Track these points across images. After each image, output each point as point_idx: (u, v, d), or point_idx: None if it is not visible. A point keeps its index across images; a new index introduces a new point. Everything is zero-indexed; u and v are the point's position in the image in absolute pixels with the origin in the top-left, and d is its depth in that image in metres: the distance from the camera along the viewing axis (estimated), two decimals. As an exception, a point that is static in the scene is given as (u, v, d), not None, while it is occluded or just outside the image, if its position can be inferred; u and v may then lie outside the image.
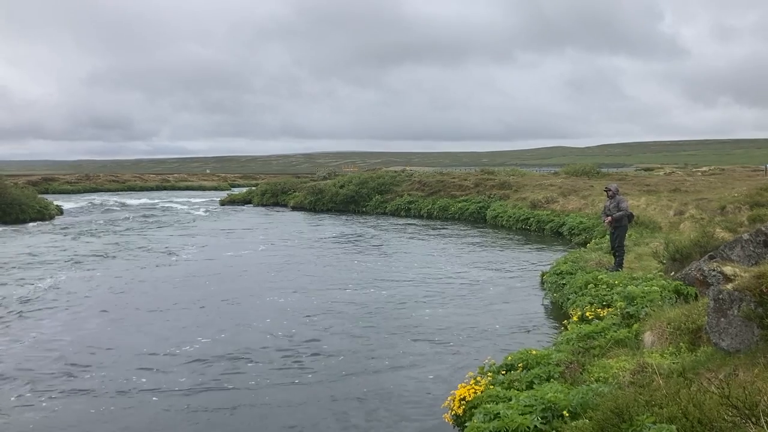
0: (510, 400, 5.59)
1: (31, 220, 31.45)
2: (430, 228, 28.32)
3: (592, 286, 10.32)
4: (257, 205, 44.03)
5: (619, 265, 12.00)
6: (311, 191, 40.11)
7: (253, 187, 53.89)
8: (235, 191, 57.85)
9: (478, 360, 7.67)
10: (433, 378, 8.13)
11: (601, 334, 7.60)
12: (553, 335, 9.62)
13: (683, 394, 4.09)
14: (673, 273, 9.82)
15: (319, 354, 9.15)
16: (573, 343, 7.41)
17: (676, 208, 20.26)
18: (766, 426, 3.37)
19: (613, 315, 8.42)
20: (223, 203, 46.44)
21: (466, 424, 5.46)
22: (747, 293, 5.04)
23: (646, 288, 8.72)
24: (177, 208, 43.17)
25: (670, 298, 8.33)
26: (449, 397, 6.28)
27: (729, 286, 5.30)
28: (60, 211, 36.11)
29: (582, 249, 16.47)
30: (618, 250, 12.16)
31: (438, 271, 16.12)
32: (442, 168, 66.17)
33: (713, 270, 6.74)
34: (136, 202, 49.96)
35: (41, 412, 7.10)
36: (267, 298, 13.02)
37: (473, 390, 6.11)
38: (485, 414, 5.32)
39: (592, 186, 29.49)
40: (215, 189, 77.95)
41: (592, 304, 9.44)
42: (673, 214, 19.85)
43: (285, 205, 41.96)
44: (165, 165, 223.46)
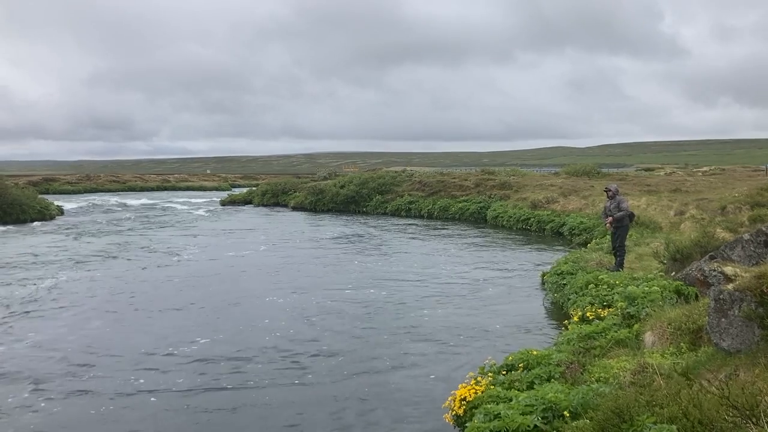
0: (510, 400, 5.59)
1: (32, 221, 31.48)
2: (430, 228, 28.32)
3: (592, 286, 10.32)
4: (258, 205, 44.05)
5: (620, 265, 12.00)
6: (312, 191, 40.12)
7: (253, 188, 53.93)
8: (236, 191, 57.88)
9: (479, 360, 7.66)
10: (434, 378, 8.13)
11: (602, 335, 7.60)
12: (553, 335, 9.62)
13: (684, 394, 4.09)
14: (673, 273, 9.82)
15: (319, 354, 9.15)
16: (573, 344, 7.41)
17: (676, 209, 20.25)
18: (766, 426, 3.37)
19: (614, 315, 8.41)
20: (223, 203, 46.48)
21: (467, 425, 5.46)
22: (748, 293, 5.04)
23: (646, 288, 8.71)
24: (177, 208, 43.19)
25: (671, 299, 8.33)
26: (450, 398, 6.28)
27: (730, 287, 5.30)
28: (61, 212, 36.14)
29: (582, 249, 16.47)
30: (619, 251, 12.15)
31: (438, 271, 16.12)
32: (442, 168, 66.21)
33: (714, 270, 6.74)
34: (136, 202, 49.99)
35: (41, 413, 7.10)
36: (268, 298, 13.02)
37: (474, 390, 6.11)
38: (486, 414, 5.32)
39: (593, 186, 29.49)
40: (216, 189, 78.01)
41: (592, 304, 9.44)
42: (673, 214, 19.85)
43: (285, 206, 41.98)
44: (165, 165, 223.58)
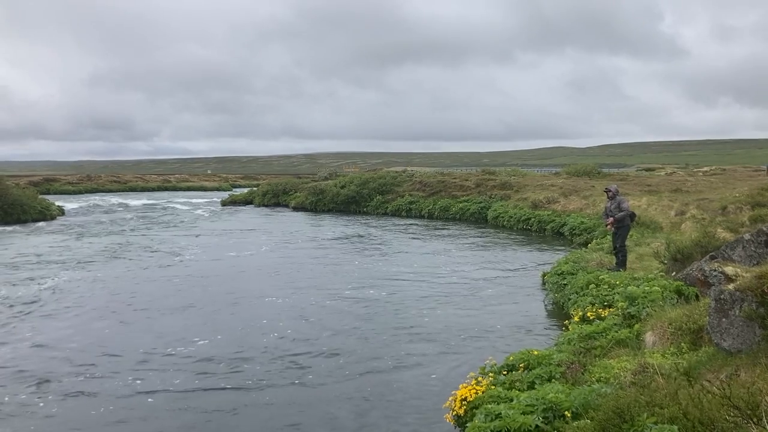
0: (511, 400, 5.59)
1: (33, 221, 31.50)
2: (431, 228, 28.32)
3: (593, 286, 10.31)
4: (258, 205, 44.06)
5: (622, 264, 12.00)
6: (312, 192, 40.13)
7: (254, 188, 53.96)
8: (237, 192, 57.90)
9: (480, 360, 7.67)
10: (434, 378, 8.13)
11: (603, 335, 7.60)
12: (554, 335, 9.62)
13: (684, 394, 4.09)
14: (674, 273, 9.81)
15: (319, 354, 9.15)
16: (574, 344, 7.41)
17: (677, 209, 20.25)
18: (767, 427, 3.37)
19: (615, 315, 8.41)
20: (224, 204, 46.49)
21: (468, 425, 5.47)
22: (748, 293, 5.04)
23: (647, 288, 8.71)
24: (178, 208, 43.20)
25: (672, 299, 8.33)
26: (450, 398, 6.28)
27: (730, 287, 5.30)
28: (61, 212, 36.16)
29: (583, 249, 16.46)
30: (620, 251, 12.16)
31: (439, 272, 16.13)
32: (443, 168, 66.23)
33: (714, 270, 6.73)
34: (137, 202, 50.00)
35: (40, 414, 7.10)
36: (269, 298, 13.03)
37: (474, 390, 6.11)
38: (487, 414, 5.32)
39: (593, 186, 29.48)
40: (216, 189, 78.04)
41: (593, 304, 9.44)
42: (674, 214, 19.84)
43: (286, 206, 41.98)
44: (166, 165, 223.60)
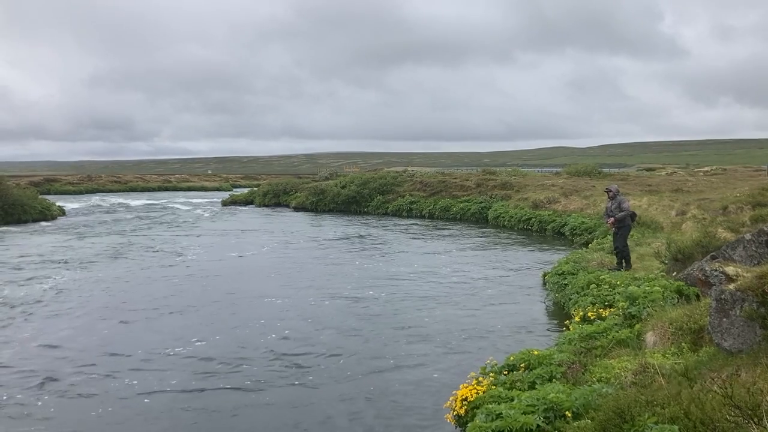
0: (512, 400, 5.59)
1: (34, 221, 31.51)
2: (431, 228, 28.32)
3: (594, 286, 10.31)
4: (259, 205, 44.08)
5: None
6: (313, 192, 40.14)
7: (254, 188, 53.98)
8: (237, 192, 57.91)
9: (480, 360, 7.67)
10: (435, 378, 8.13)
11: (603, 335, 7.59)
12: (555, 335, 9.61)
13: (685, 394, 4.09)
14: (675, 273, 9.81)
15: (320, 354, 9.15)
16: (575, 344, 7.41)
17: (677, 209, 20.24)
18: (768, 426, 3.37)
19: (615, 315, 8.41)
20: (225, 204, 46.50)
21: (468, 425, 5.47)
22: (749, 293, 5.04)
23: (648, 288, 8.71)
24: (179, 208, 43.21)
25: (672, 299, 8.32)
26: (451, 398, 6.28)
27: (731, 287, 5.29)
28: (62, 212, 36.17)
29: (584, 249, 16.45)
30: (623, 250, 12.17)
31: (440, 272, 16.13)
32: (443, 168, 66.22)
33: (715, 270, 6.73)
34: (138, 202, 50.01)
35: (39, 414, 7.08)
36: (270, 298, 13.02)
37: (475, 390, 6.11)
38: (487, 414, 5.32)
39: (594, 186, 29.47)
40: (217, 189, 78.05)
41: (594, 304, 9.44)
42: (675, 214, 19.83)
43: (287, 206, 41.99)
44: (167, 165, 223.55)
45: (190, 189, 78.28)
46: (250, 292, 13.63)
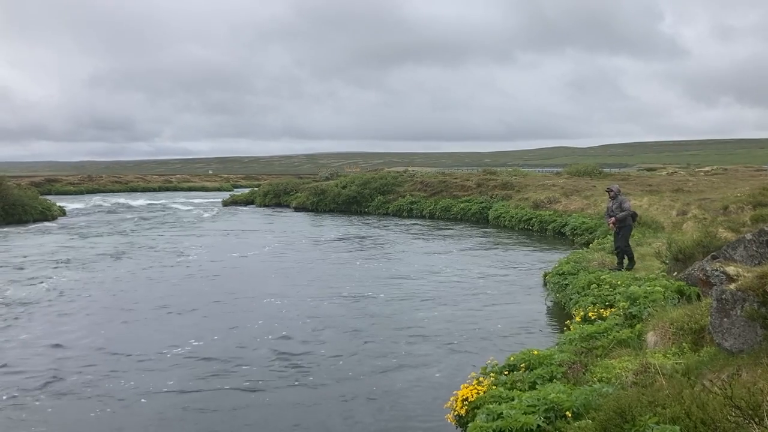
0: (513, 400, 5.59)
1: (34, 221, 31.52)
2: (432, 228, 28.32)
3: (594, 286, 10.30)
4: (260, 205, 44.09)
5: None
6: (314, 192, 40.14)
7: (255, 188, 53.98)
8: (238, 192, 57.93)
9: (481, 360, 7.66)
10: (436, 378, 8.12)
11: (604, 335, 7.59)
12: (555, 336, 9.61)
13: (686, 394, 4.08)
14: (675, 273, 9.80)
15: (320, 355, 9.15)
16: (576, 344, 7.40)
17: (678, 208, 20.22)
18: (769, 426, 3.36)
19: (616, 315, 8.40)
20: (225, 204, 46.51)
21: (469, 425, 5.46)
22: (750, 293, 5.03)
23: (648, 288, 8.70)
24: (180, 208, 43.22)
25: (673, 299, 8.32)
26: (452, 398, 6.27)
27: (732, 286, 5.29)
28: (63, 212, 36.19)
29: (585, 249, 16.44)
30: (625, 250, 12.17)
31: (440, 272, 16.12)
32: (444, 168, 66.21)
33: (716, 270, 6.73)
34: (138, 203, 50.01)
35: (38, 415, 7.08)
36: (270, 299, 13.02)
37: (476, 390, 6.10)
38: (488, 414, 5.32)
39: (595, 186, 29.45)
40: (218, 190, 78.06)
41: (594, 304, 9.42)
42: (675, 214, 19.82)
43: (287, 206, 41.99)
44: (167, 166, 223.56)
45: (190, 189, 78.30)
46: (250, 292, 13.63)
